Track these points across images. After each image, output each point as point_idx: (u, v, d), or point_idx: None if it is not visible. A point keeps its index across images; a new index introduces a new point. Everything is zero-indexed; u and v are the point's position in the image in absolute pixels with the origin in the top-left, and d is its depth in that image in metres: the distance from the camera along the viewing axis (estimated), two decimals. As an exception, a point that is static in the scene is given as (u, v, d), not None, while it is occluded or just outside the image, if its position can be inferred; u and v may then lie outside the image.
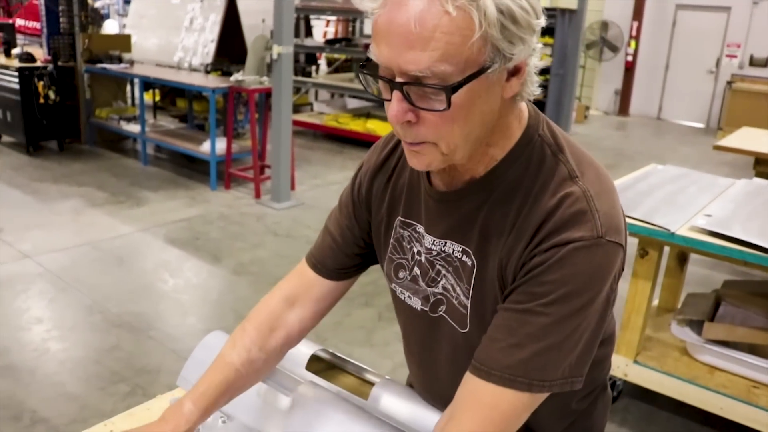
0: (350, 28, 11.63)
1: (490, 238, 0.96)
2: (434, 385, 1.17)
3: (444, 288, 1.03)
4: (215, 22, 7.27)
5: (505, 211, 0.95)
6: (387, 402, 1.07)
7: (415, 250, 1.07)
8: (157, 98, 8.79)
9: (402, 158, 1.11)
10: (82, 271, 4.22)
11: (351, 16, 10.67)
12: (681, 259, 3.41)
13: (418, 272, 1.07)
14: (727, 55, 11.79)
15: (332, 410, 1.04)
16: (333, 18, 11.94)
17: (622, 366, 2.90)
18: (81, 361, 3.22)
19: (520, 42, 0.83)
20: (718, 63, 11.93)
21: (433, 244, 1.04)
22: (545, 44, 8.91)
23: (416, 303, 1.09)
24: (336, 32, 12.46)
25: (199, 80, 6.51)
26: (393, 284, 1.14)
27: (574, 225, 0.89)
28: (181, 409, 1.05)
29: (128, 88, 8.43)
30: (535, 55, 0.89)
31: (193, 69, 7.33)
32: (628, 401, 3.10)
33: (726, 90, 11.43)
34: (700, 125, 12.25)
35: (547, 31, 10.70)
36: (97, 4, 9.32)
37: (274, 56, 5.44)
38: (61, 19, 7.18)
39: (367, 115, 9.19)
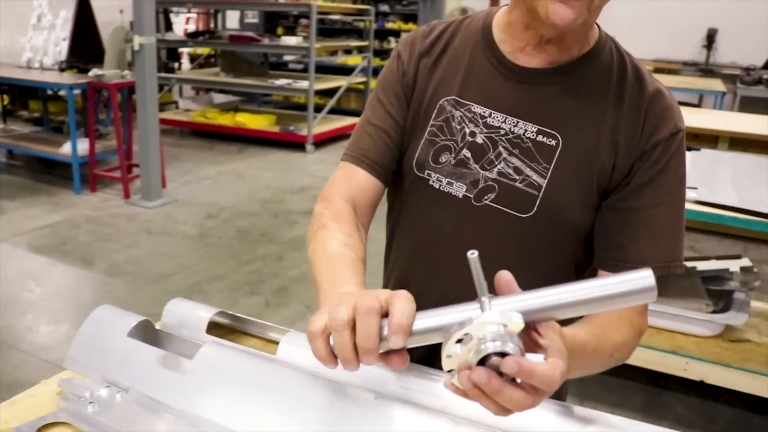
0: (212, 22, 11.31)
1: (585, 121, 0.98)
2: (453, 287, 0.97)
3: (500, 173, 1.01)
4: (66, 19, 6.81)
5: (598, 98, 0.98)
6: (297, 353, 1.02)
7: (467, 131, 1.02)
8: (6, 102, 8.15)
9: (448, 43, 1.08)
10: (-66, 288, 3.85)
11: (212, 8, 10.35)
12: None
13: (469, 154, 1.02)
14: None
15: (241, 366, 0.98)
16: (193, 15, 11.57)
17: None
18: (-58, 382, 2.94)
19: None
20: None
21: (503, 123, 1.01)
22: (407, 30, 9.07)
23: (458, 189, 1.03)
24: (197, 28, 12.08)
25: (54, 78, 6.11)
26: (427, 171, 1.05)
27: (675, 114, 0.98)
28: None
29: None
30: None
31: (45, 69, 6.85)
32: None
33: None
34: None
35: (410, 17, 10.88)
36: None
37: (136, 47, 5.17)
38: None
39: (236, 109, 8.98)
